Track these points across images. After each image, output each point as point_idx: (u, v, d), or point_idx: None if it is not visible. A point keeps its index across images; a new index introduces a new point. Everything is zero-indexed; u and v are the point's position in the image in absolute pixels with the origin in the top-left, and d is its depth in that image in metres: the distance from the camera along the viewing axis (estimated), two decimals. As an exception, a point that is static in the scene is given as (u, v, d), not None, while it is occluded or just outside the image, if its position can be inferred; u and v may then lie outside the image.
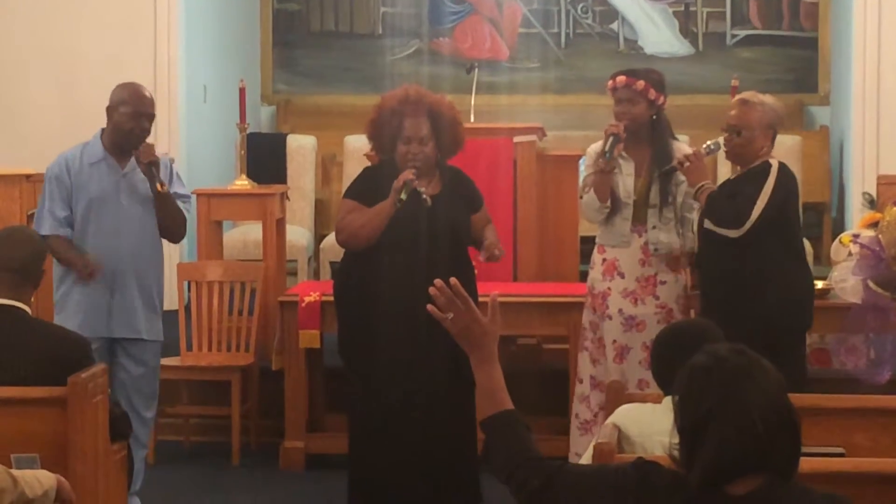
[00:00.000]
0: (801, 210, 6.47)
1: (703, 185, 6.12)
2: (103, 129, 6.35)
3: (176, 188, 6.39)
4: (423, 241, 6.01)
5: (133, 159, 6.26)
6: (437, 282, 3.10)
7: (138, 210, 6.29)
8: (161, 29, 9.35)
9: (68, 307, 6.29)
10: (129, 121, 6.23)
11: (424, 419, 5.98)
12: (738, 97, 6.18)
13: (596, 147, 6.52)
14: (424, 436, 5.99)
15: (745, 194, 5.96)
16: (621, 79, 6.44)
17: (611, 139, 6.33)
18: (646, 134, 6.46)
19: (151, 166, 6.19)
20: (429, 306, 3.09)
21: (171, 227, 6.40)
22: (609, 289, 6.48)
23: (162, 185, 6.23)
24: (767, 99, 6.13)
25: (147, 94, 6.34)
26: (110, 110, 6.28)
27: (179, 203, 6.38)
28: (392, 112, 6.08)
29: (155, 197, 6.25)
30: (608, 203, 6.41)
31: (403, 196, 5.90)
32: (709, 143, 6.27)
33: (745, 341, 2.79)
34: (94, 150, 6.31)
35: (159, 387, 6.52)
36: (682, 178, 6.33)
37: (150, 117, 6.31)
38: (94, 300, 6.25)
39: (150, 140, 6.33)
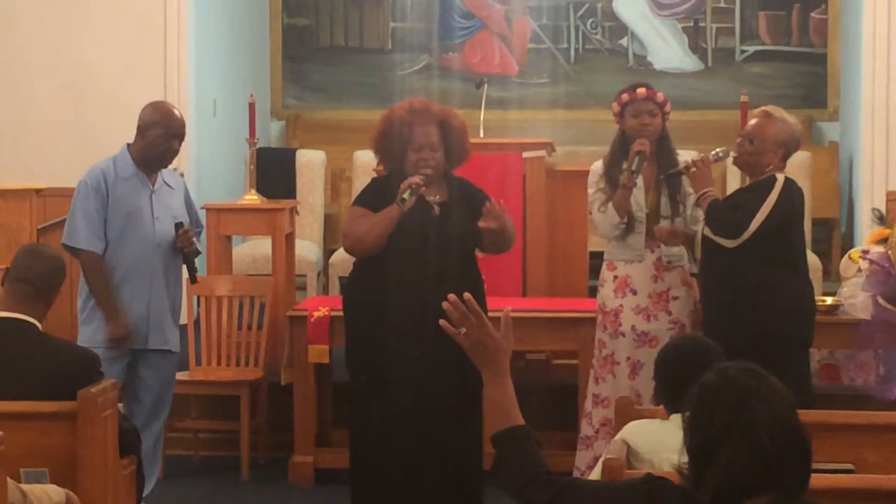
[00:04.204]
0: (807, 226, 6.45)
1: (706, 192, 6.11)
2: (129, 144, 6.41)
3: (193, 216, 6.61)
4: (432, 248, 5.99)
5: (159, 176, 6.41)
6: (451, 297, 3.09)
7: (167, 225, 6.40)
8: (171, 43, 9.37)
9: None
10: (162, 143, 6.34)
11: (429, 430, 5.96)
12: (762, 108, 6.18)
13: (599, 166, 6.53)
14: (427, 446, 5.97)
15: (747, 206, 5.96)
16: (641, 90, 6.43)
17: (637, 158, 6.30)
18: (654, 146, 6.46)
19: (191, 255, 6.42)
20: (441, 322, 3.08)
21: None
22: (621, 306, 6.47)
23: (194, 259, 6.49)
24: (790, 118, 6.12)
25: (178, 114, 6.44)
26: (142, 129, 6.36)
27: (196, 239, 6.54)
28: (401, 122, 6.04)
29: (185, 260, 6.47)
30: (626, 219, 6.41)
31: (406, 196, 5.88)
32: (717, 150, 6.27)
33: (744, 351, 2.79)
34: (125, 165, 6.38)
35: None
36: (691, 190, 6.33)
37: (181, 138, 6.42)
38: (136, 311, 6.33)
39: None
